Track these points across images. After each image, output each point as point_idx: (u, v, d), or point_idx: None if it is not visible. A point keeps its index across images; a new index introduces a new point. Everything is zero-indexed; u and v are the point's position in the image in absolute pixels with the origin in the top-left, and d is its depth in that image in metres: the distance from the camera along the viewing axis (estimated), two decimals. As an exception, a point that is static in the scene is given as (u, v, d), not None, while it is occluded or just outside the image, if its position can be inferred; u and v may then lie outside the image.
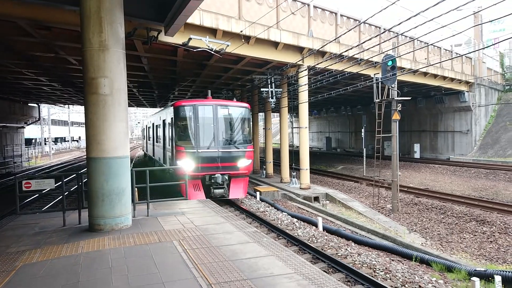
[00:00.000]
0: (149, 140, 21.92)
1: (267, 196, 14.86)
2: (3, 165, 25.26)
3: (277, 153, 22.69)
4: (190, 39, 10.59)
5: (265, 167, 20.62)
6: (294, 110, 20.64)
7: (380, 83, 13.84)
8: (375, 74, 14.87)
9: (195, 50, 11.23)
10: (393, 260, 7.79)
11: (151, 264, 4.60)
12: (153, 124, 19.18)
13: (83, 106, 9.24)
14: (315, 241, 8.62)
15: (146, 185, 7.41)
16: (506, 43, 35.11)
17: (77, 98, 26.05)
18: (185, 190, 8.24)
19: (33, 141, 45.56)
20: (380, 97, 14.11)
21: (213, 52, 11.16)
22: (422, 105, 29.21)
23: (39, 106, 30.69)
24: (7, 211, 11.88)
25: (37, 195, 13.76)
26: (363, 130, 22.30)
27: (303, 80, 15.55)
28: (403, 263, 7.68)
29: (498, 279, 6.20)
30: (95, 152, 6.14)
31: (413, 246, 9.19)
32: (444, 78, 22.98)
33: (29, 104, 28.98)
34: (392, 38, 16.55)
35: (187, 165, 10.40)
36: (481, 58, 27.28)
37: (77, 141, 65.86)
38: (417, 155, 29.47)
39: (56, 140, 56.60)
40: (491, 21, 9.78)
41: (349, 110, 37.82)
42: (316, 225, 10.42)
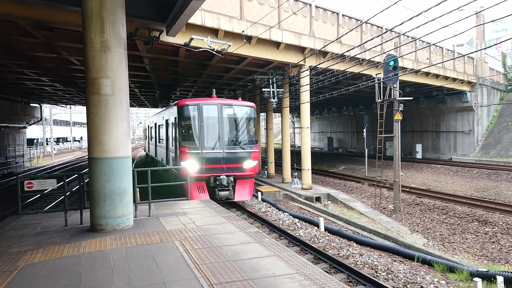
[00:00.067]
0: (151, 140, 21.69)
1: (268, 196, 14.85)
2: (5, 165, 25.35)
3: (278, 153, 22.67)
4: (191, 39, 10.56)
5: (266, 167, 20.60)
6: (295, 110, 20.62)
7: (382, 83, 13.82)
8: (377, 74, 14.83)
9: (196, 50, 11.17)
10: (395, 261, 7.77)
11: (152, 264, 4.60)
12: (155, 124, 18.90)
13: (85, 107, 9.26)
14: (317, 242, 8.62)
15: (147, 185, 7.41)
16: (508, 43, 35.07)
17: (79, 98, 26.06)
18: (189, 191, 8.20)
19: (35, 141, 45.66)
20: (382, 97, 14.07)
21: (214, 52, 11.14)
22: (424, 105, 29.16)
23: (41, 107, 30.78)
24: (9, 211, 11.91)
25: (39, 195, 13.76)
26: (365, 130, 22.27)
27: (305, 80, 15.53)
28: (405, 264, 7.66)
29: (500, 279, 6.17)
30: (96, 152, 6.14)
31: (415, 247, 9.15)
32: (446, 78, 22.93)
33: (31, 105, 29.02)
34: (394, 38, 16.51)
35: (191, 166, 10.03)
36: (483, 58, 27.19)
37: (79, 141, 66.04)
38: (419, 155, 29.36)
39: (58, 140, 56.75)
40: (493, 21, 9.73)
41: (351, 110, 37.76)
42: (317, 225, 10.40)
